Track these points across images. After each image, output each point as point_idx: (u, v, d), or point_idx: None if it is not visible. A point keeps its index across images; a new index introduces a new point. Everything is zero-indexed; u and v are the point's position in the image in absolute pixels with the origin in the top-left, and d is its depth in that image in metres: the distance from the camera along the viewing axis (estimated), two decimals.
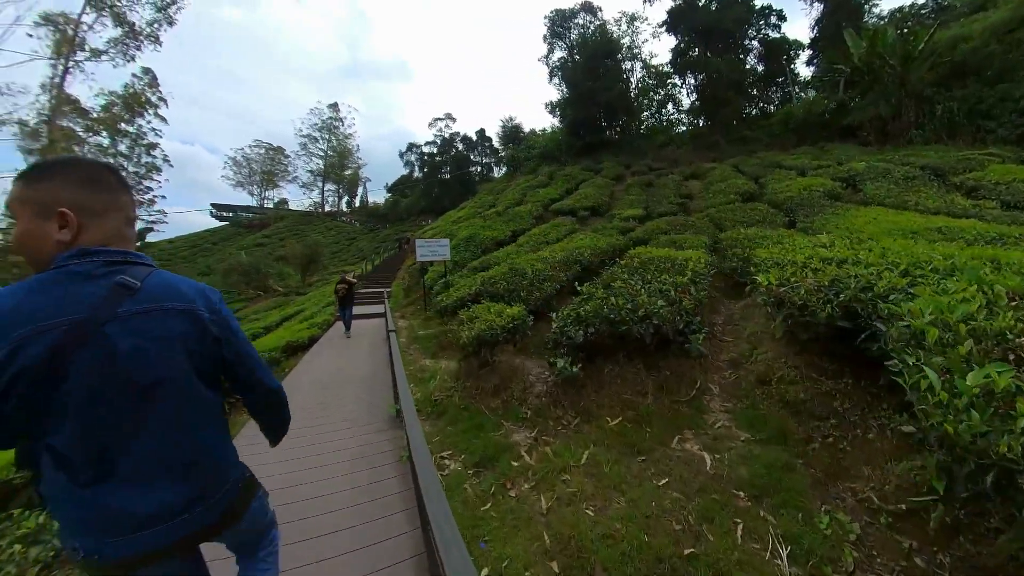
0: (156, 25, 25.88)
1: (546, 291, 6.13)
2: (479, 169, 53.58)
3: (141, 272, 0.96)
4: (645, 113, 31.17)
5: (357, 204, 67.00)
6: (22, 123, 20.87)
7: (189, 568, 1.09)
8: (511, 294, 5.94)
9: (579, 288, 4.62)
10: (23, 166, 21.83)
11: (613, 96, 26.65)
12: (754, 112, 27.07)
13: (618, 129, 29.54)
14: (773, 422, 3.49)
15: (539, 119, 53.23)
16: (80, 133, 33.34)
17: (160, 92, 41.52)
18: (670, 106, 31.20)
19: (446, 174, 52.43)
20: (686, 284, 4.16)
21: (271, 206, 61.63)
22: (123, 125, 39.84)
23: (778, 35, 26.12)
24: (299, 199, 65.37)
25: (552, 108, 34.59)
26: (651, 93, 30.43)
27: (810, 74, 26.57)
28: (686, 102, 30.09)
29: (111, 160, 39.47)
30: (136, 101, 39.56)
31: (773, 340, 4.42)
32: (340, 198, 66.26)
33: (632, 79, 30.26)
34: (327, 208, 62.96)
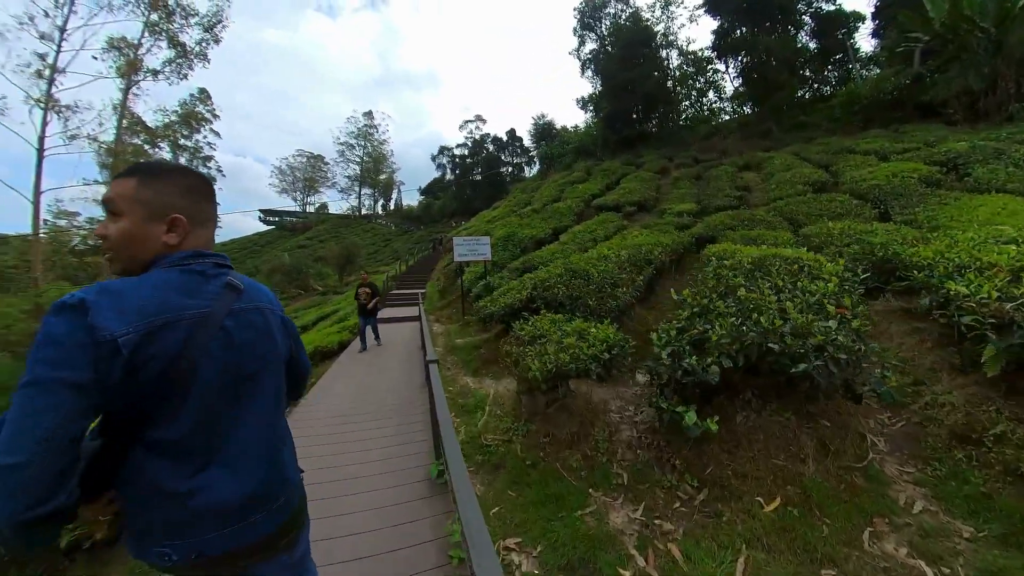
0: (204, 44, 26.85)
1: (622, 299, 4.98)
2: (510, 169, 52.68)
3: (236, 274, 1.01)
4: (685, 103, 29.09)
5: (392, 207, 68.02)
6: (91, 137, 21.92)
7: (290, 566, 1.06)
8: (574, 302, 4.84)
9: (678, 296, 3.44)
10: (96, 176, 22.95)
11: (650, 86, 24.88)
12: (809, 95, 24.49)
13: (656, 121, 27.68)
14: (1005, 507, 2.26)
15: (570, 116, 51.56)
16: (147, 148, 36.32)
17: (213, 109, 45.00)
18: (711, 94, 28.92)
19: (477, 175, 51.91)
20: (835, 294, 2.93)
21: (312, 210, 63.44)
22: (183, 140, 43.47)
23: (833, 7, 23.45)
24: (338, 203, 66.94)
25: (584, 103, 33.09)
26: (690, 81, 28.29)
27: (874, 48, 23.75)
28: (729, 88, 27.85)
29: None
30: (193, 118, 43.11)
31: (956, 374, 3.12)
32: (376, 201, 67.46)
33: (669, 67, 28.26)
34: (364, 211, 64.12)
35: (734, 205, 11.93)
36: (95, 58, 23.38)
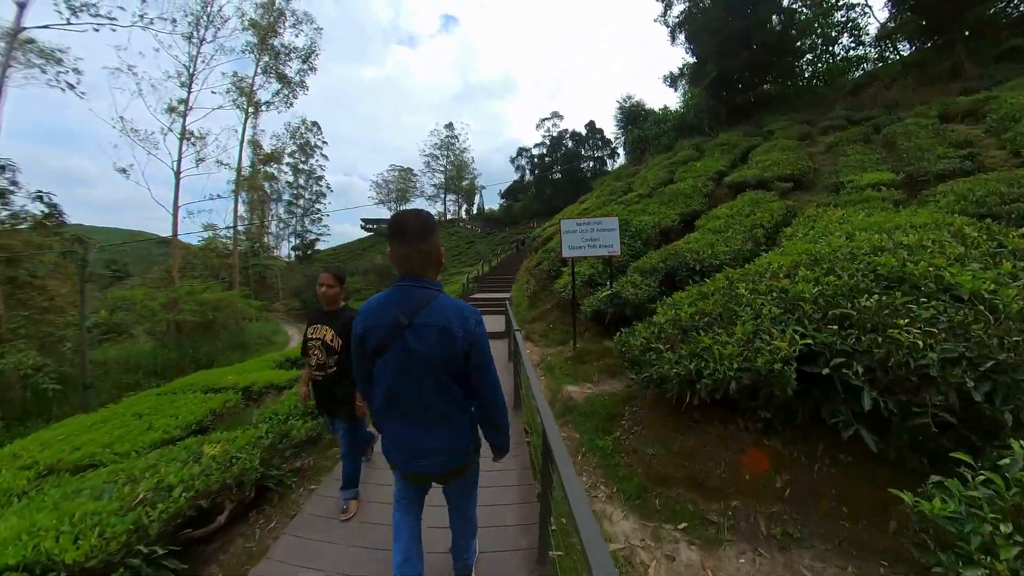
0: (302, 73, 28.31)
1: None
2: (591, 164, 48.67)
3: (430, 295, 1.38)
4: (808, 56, 22.70)
5: (475, 211, 68.18)
6: (219, 162, 23.94)
7: (455, 489, 1.66)
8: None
9: None
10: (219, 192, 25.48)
11: (768, 36, 19.47)
12: (1011, 9, 16.99)
13: (776, 81, 22.00)
14: None
15: (657, 98, 45.96)
16: (274, 172, 41.03)
17: (322, 138, 49.81)
18: (845, 38, 22.05)
19: (556, 173, 48.82)
20: None
21: None
22: (301, 165, 48.25)
23: None
24: (427, 210, 69.41)
25: (673, 80, 28.04)
26: (817, 26, 21.88)
27: None
28: (873, 28, 20.96)
29: (297, 189, 48.34)
30: (308, 147, 48.09)
31: None
32: (459, 207, 68.19)
33: (787, 12, 22.12)
34: (448, 216, 65.16)
35: (968, 169, 7.49)
36: (213, 92, 25.42)
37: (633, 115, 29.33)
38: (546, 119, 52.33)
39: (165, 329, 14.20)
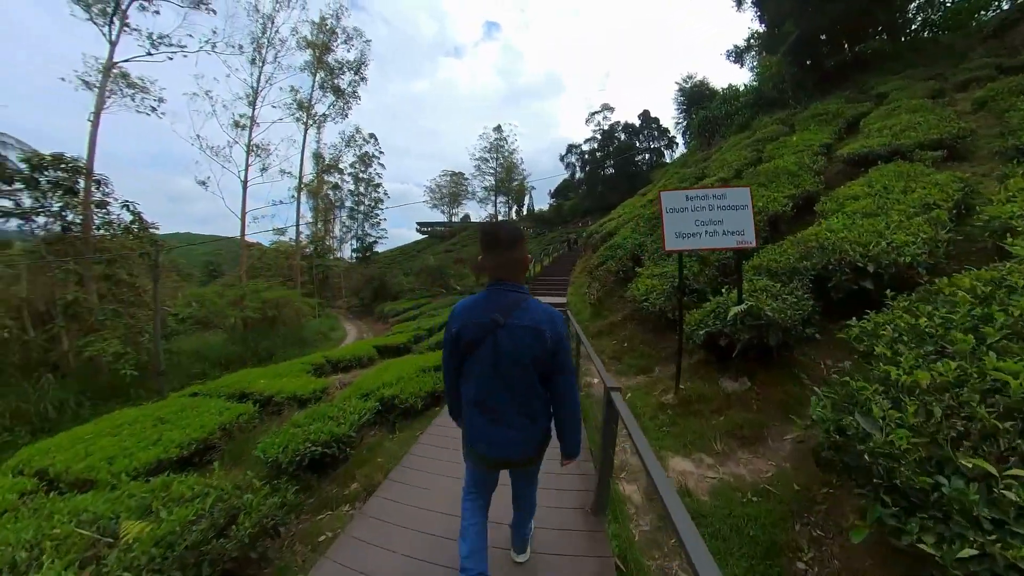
0: (353, 84, 29.18)
1: None
2: (647, 156, 45.32)
3: (520, 298, 1.48)
4: (912, 4, 18.51)
5: (525, 212, 67.17)
6: (282, 171, 25.40)
7: (522, 476, 1.77)
8: None
9: None
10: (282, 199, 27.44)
11: None
12: None
13: (873, 37, 18.22)
14: None
15: (719, 77, 41.54)
16: (337, 182, 43.71)
17: (379, 148, 52.01)
18: None
19: (609, 169, 46.03)
20: None
21: (457, 220, 67.06)
22: (361, 175, 50.72)
23: None
24: (478, 213, 69.69)
25: (738, 54, 24.64)
26: None
27: None
28: None
29: (358, 196, 51.00)
30: (366, 158, 50.59)
31: None
32: (510, 208, 67.64)
33: None
34: (500, 218, 64.93)
35: None
36: (273, 107, 26.84)
37: (697, 96, 26.30)
38: (596, 112, 49.59)
39: (233, 324, 14.87)
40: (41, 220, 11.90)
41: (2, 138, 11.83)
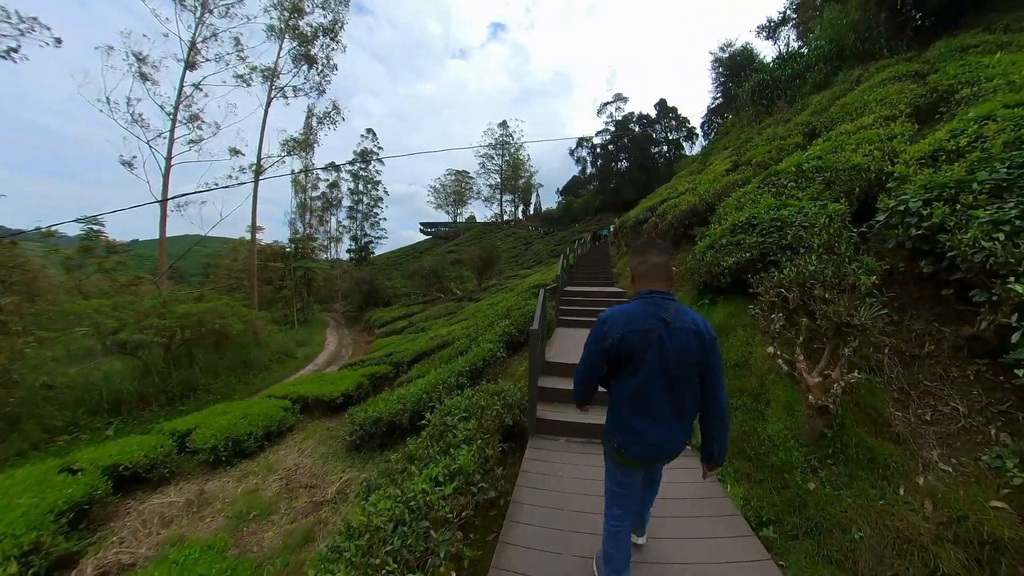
0: (327, 48, 24.71)
1: None
2: (665, 149, 40.95)
3: (675, 304, 1.52)
4: None
5: (532, 211, 62.96)
6: (235, 150, 21.23)
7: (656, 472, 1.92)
8: None
9: None
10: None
11: None
12: None
13: None
14: None
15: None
16: (334, 177, 40.01)
17: (377, 144, 47.51)
18: None
19: (623, 163, 41.72)
20: None
21: (463, 220, 62.73)
22: (362, 173, 46.87)
23: None
24: (483, 212, 65.42)
25: (771, 30, 20.36)
26: None
27: None
28: None
29: (357, 195, 47.09)
30: (365, 154, 46.59)
31: None
32: (516, 207, 63.42)
33: None
34: (505, 217, 60.65)
35: None
36: (220, 62, 21.20)
37: (738, 66, 21.85)
38: (608, 103, 45.32)
39: (133, 345, 9.99)
40: None
41: None
